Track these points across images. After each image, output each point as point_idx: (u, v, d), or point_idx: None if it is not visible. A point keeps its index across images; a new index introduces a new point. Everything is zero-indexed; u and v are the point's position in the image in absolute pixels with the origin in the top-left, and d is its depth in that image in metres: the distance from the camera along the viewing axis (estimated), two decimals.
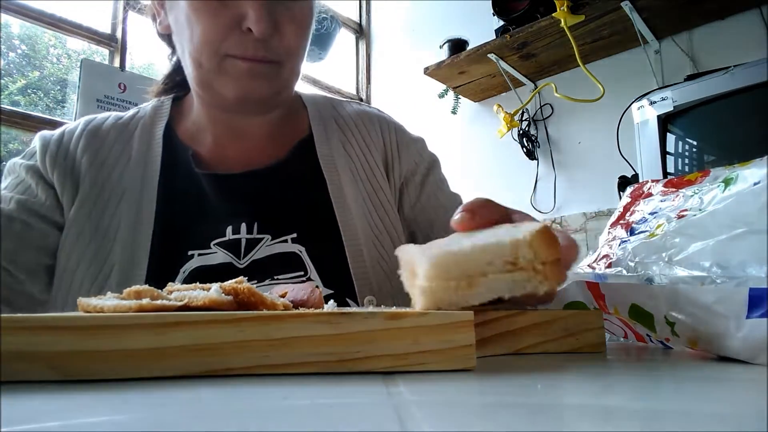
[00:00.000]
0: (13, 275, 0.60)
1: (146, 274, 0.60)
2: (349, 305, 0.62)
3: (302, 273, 0.63)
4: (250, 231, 0.64)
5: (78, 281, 0.60)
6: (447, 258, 0.31)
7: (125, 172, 0.66)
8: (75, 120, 1.79)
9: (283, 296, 0.37)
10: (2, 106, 1.75)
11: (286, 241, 0.64)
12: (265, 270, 0.62)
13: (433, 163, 0.80)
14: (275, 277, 0.62)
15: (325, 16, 2.32)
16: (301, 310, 0.30)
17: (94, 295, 0.58)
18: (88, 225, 0.63)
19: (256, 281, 0.60)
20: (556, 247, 0.32)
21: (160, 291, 0.33)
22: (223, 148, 0.70)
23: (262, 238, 0.63)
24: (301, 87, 0.79)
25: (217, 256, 0.62)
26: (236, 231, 0.64)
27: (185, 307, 0.29)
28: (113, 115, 0.74)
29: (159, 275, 0.60)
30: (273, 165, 0.69)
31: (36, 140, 0.68)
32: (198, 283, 0.35)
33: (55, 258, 0.62)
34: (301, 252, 0.64)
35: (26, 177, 0.66)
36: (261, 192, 0.67)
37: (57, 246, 0.63)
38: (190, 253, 0.62)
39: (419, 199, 0.76)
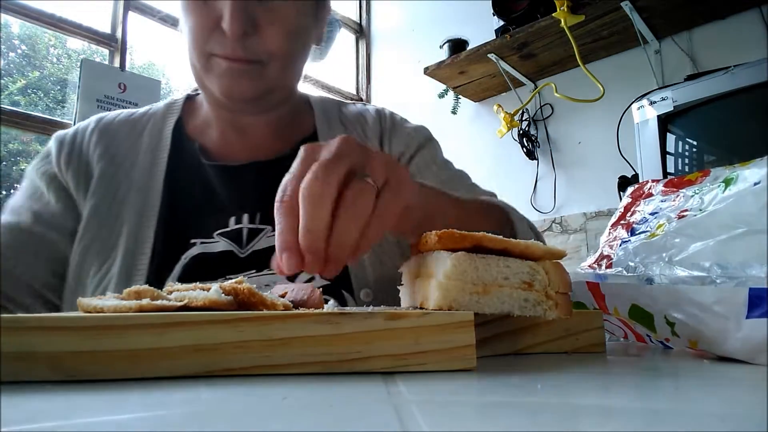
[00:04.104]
0: (34, 289, 0.63)
1: (149, 260, 0.62)
2: (344, 297, 0.63)
3: None
4: (252, 221, 0.65)
5: (87, 267, 0.63)
6: (468, 261, 0.32)
7: (135, 163, 0.69)
8: (75, 120, 1.79)
9: (283, 296, 0.37)
10: (2, 106, 1.75)
11: None
12: (264, 260, 0.63)
13: (425, 142, 0.79)
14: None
15: (330, 18, 2.32)
16: (301, 311, 0.30)
17: (99, 283, 0.61)
18: (98, 214, 0.65)
19: (254, 270, 0.63)
20: (569, 283, 0.35)
21: (160, 291, 0.33)
22: (228, 143, 0.72)
23: (263, 229, 0.65)
24: (302, 87, 0.79)
25: (219, 245, 0.64)
26: (239, 221, 0.65)
27: (185, 308, 0.29)
28: (126, 111, 0.76)
29: (161, 262, 0.62)
30: (276, 158, 0.70)
31: (51, 142, 0.71)
32: (198, 283, 0.35)
33: (66, 264, 0.65)
34: None
35: (40, 183, 0.68)
36: (264, 183, 0.67)
37: (68, 253, 0.65)
38: (192, 241, 0.64)
39: None
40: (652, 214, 0.49)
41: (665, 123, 1.41)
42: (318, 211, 0.33)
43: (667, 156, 1.41)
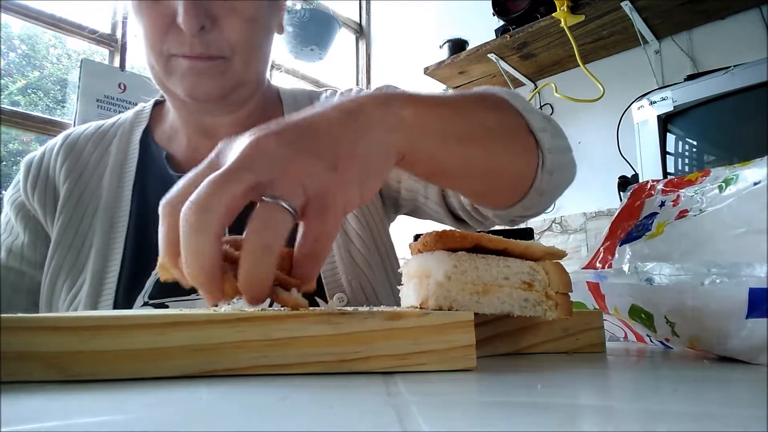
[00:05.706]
0: None
1: (117, 279, 0.60)
2: (318, 305, 0.61)
3: None
4: None
5: (58, 291, 0.62)
6: (468, 261, 0.32)
7: (103, 179, 0.67)
8: (75, 120, 1.79)
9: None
10: (2, 106, 1.75)
11: None
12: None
13: (384, 89, 0.71)
14: None
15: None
16: (301, 311, 0.30)
17: (69, 305, 0.60)
18: (66, 236, 0.64)
19: None
20: (569, 283, 0.35)
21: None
22: (196, 149, 0.69)
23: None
24: (301, 86, 0.75)
25: None
26: None
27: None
28: (94, 124, 0.74)
29: (130, 280, 0.61)
30: None
31: (21, 166, 0.71)
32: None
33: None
34: None
35: (11, 214, 0.69)
36: None
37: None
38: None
39: None
40: (652, 214, 0.49)
41: (665, 123, 1.41)
42: (198, 242, 0.28)
43: (667, 156, 1.41)
